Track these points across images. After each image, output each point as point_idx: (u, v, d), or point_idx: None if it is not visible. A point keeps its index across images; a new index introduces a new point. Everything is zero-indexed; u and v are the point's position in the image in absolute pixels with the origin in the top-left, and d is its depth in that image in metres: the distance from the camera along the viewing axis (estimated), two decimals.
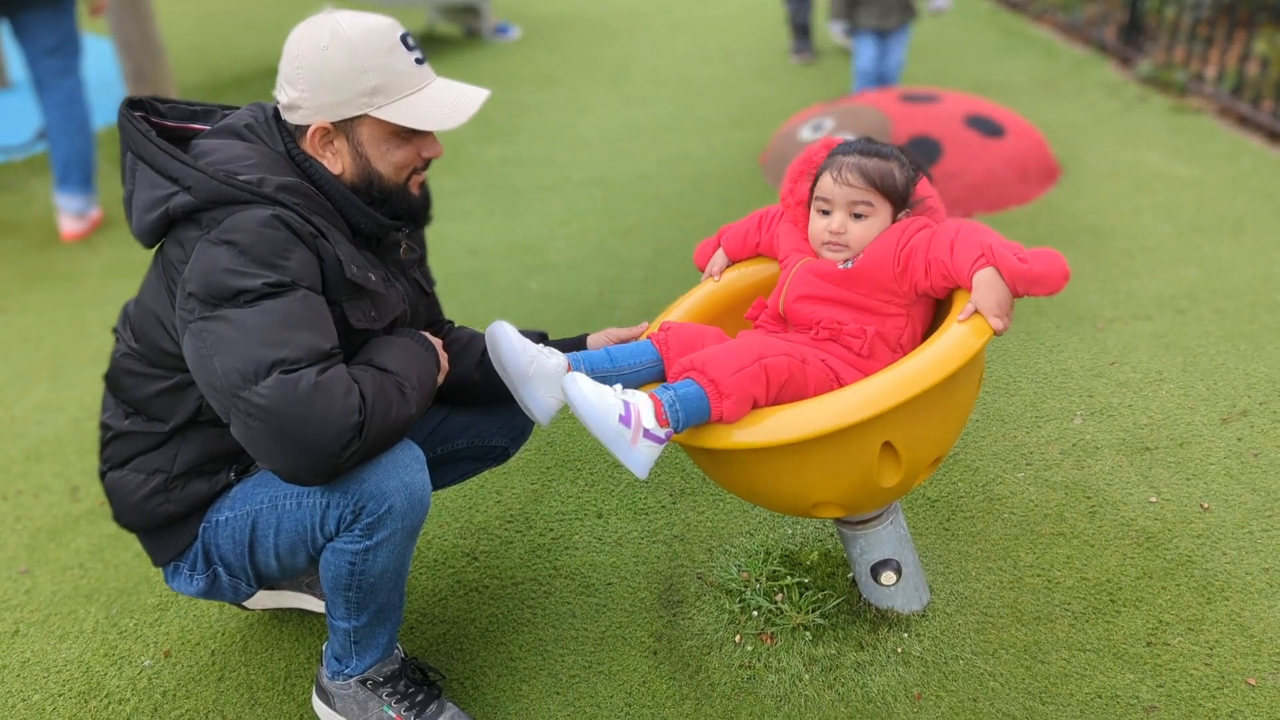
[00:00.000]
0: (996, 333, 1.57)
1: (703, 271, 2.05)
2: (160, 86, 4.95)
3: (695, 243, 3.63)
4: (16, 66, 6.18)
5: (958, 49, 5.76)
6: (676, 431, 1.57)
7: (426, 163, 1.71)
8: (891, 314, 1.73)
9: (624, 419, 1.52)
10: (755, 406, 1.59)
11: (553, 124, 5.03)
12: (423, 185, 1.74)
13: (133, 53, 4.88)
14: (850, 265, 1.74)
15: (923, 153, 3.68)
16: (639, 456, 1.54)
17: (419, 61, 1.63)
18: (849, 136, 3.89)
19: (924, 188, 1.82)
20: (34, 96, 4.01)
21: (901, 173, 1.75)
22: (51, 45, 3.89)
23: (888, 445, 1.60)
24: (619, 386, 1.58)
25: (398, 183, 1.68)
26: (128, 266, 3.84)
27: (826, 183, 1.76)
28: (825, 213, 1.77)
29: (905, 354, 1.76)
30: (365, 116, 1.60)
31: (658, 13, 6.79)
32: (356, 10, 1.65)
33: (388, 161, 1.66)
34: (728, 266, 2.01)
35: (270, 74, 6.17)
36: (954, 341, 1.57)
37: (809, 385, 1.64)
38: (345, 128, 1.61)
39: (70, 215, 4.11)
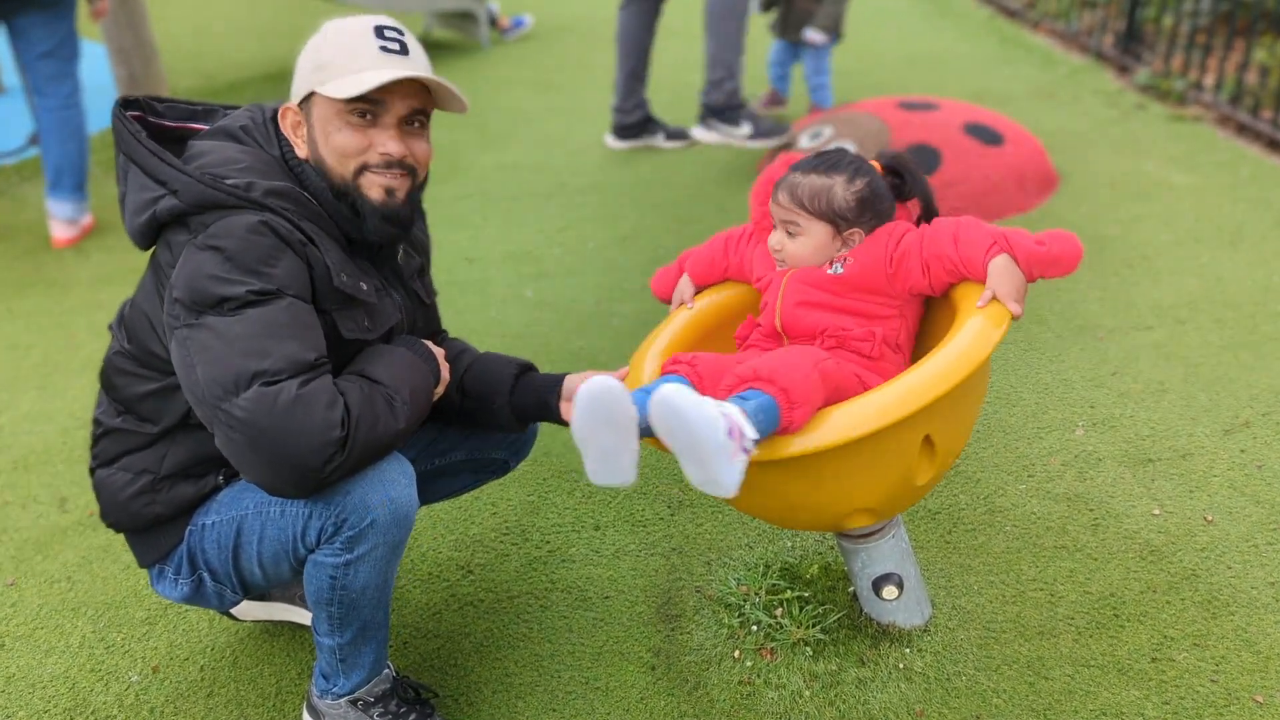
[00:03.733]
0: (1015, 317, 1.60)
1: (665, 301, 2.03)
2: (153, 91, 4.90)
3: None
4: (9, 72, 6.13)
5: (955, 57, 5.75)
6: (757, 442, 1.47)
7: (388, 163, 1.58)
8: (886, 316, 1.75)
9: (731, 432, 1.40)
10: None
11: (549, 130, 5.01)
12: (391, 192, 1.60)
13: (125, 57, 4.85)
14: (841, 271, 1.76)
15: (921, 160, 3.66)
16: (736, 471, 1.41)
17: (386, 51, 1.55)
18: (846, 145, 3.88)
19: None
20: (26, 100, 3.97)
21: (846, 190, 1.76)
22: (48, 49, 3.85)
23: (927, 440, 1.62)
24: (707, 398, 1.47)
25: (344, 175, 1.58)
26: (119, 273, 3.80)
27: (771, 201, 1.82)
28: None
29: (905, 354, 1.78)
30: (314, 95, 1.58)
31: None
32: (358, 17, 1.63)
33: (331, 146, 1.57)
34: (696, 293, 2.00)
35: (265, 79, 6.10)
36: (978, 330, 1.60)
37: (849, 389, 1.64)
38: (305, 109, 1.60)
39: (61, 221, 4.06)
